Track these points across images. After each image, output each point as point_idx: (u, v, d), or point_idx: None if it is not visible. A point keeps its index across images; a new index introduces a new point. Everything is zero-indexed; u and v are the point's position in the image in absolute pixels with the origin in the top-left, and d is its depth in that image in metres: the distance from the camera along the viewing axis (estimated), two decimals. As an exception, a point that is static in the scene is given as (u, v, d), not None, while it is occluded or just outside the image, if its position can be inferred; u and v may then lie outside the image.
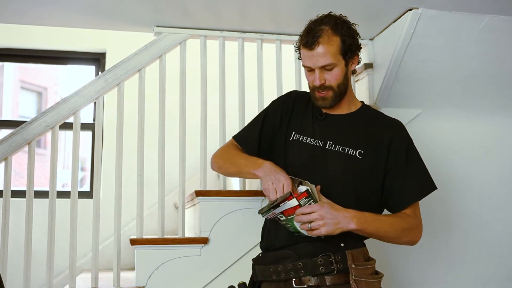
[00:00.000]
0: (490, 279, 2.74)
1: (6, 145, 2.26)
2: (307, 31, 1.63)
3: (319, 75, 1.62)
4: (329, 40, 1.59)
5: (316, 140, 1.67)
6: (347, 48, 1.61)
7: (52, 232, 2.27)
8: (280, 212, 1.51)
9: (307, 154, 1.66)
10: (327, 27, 1.60)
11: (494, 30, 2.38)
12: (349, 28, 1.64)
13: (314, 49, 1.59)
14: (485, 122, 2.82)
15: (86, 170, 4.46)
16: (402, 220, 1.61)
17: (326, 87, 1.63)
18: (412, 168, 1.67)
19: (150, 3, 2.33)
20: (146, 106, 2.48)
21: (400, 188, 1.64)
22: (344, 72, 1.63)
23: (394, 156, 1.64)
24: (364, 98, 2.72)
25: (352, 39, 1.63)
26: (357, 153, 1.62)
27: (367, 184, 1.62)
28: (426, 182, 1.70)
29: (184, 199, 2.44)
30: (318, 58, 1.59)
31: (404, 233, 1.62)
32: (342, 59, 1.62)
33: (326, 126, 1.68)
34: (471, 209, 2.77)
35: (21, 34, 3.55)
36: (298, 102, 1.77)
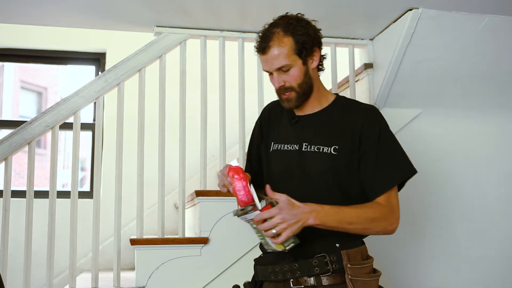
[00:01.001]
0: (490, 277, 2.74)
1: (6, 145, 2.26)
2: (259, 35, 1.65)
3: (277, 78, 1.62)
4: (280, 42, 1.59)
5: (292, 144, 1.68)
6: (301, 46, 1.60)
7: (52, 232, 2.27)
8: (250, 220, 1.49)
9: (285, 161, 1.68)
10: (278, 29, 1.61)
11: (494, 30, 2.38)
12: (302, 27, 1.63)
13: (267, 53, 1.60)
14: (485, 122, 2.82)
15: (86, 170, 4.47)
16: (371, 210, 1.56)
17: (287, 88, 1.63)
18: (385, 153, 1.61)
19: (150, 3, 2.33)
20: (146, 106, 2.48)
21: (373, 174, 1.59)
22: (303, 71, 1.62)
23: (366, 140, 1.60)
24: (364, 98, 2.72)
25: (306, 36, 1.62)
26: (332, 150, 1.61)
27: (348, 177, 1.61)
28: (401, 167, 1.64)
29: (184, 199, 2.44)
30: (272, 61, 1.60)
31: (374, 223, 1.56)
32: (298, 58, 1.61)
33: (300, 129, 1.69)
34: (471, 209, 2.76)
35: (21, 34, 3.55)
36: (273, 112, 1.79)
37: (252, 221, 1.47)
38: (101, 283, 2.34)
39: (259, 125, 1.83)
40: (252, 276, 1.77)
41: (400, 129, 2.68)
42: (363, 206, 1.57)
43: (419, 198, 2.69)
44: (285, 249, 1.46)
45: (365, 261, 1.60)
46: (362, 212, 1.55)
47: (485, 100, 2.76)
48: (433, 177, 2.73)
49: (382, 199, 1.60)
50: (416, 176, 2.65)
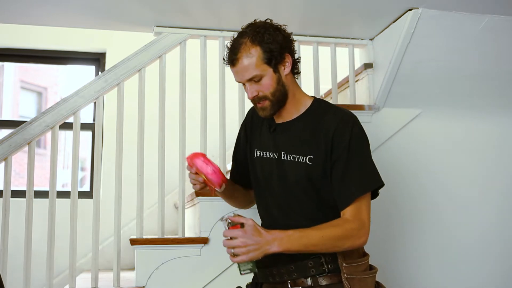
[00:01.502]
0: (489, 276, 2.74)
1: (6, 145, 2.26)
2: (228, 47, 1.63)
3: (250, 88, 1.61)
4: (248, 53, 1.57)
5: (271, 153, 1.68)
6: (270, 55, 1.57)
7: (52, 232, 2.27)
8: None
9: (266, 168, 1.69)
10: (246, 39, 1.59)
11: (494, 30, 2.38)
12: (270, 34, 1.59)
13: (236, 65, 1.59)
14: (486, 121, 2.82)
15: (86, 170, 4.46)
16: (336, 229, 1.53)
17: (261, 97, 1.62)
18: (352, 164, 1.57)
19: (150, 3, 2.33)
20: (146, 106, 2.48)
21: (339, 185, 1.57)
22: (275, 79, 1.60)
23: (336, 150, 1.58)
24: (364, 98, 2.72)
25: (275, 44, 1.59)
26: (307, 160, 1.60)
27: (325, 185, 1.60)
28: (368, 178, 1.60)
29: (184, 199, 2.44)
30: (242, 73, 1.59)
31: (340, 241, 1.52)
32: (268, 67, 1.58)
33: (278, 137, 1.69)
34: (472, 209, 2.76)
35: (21, 34, 3.55)
36: (256, 117, 1.79)
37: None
38: (101, 283, 2.34)
39: (244, 129, 1.84)
40: (253, 278, 1.78)
41: (400, 129, 2.68)
42: (329, 226, 1.53)
43: (418, 197, 2.69)
44: (240, 272, 1.48)
45: (361, 259, 1.61)
46: (327, 233, 1.51)
47: (486, 100, 2.76)
48: (433, 177, 2.73)
49: (350, 211, 1.56)
50: (416, 176, 2.68)
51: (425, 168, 2.72)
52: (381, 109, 2.65)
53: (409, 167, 2.69)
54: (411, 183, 2.69)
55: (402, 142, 2.69)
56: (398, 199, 2.66)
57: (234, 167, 1.89)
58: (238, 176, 1.87)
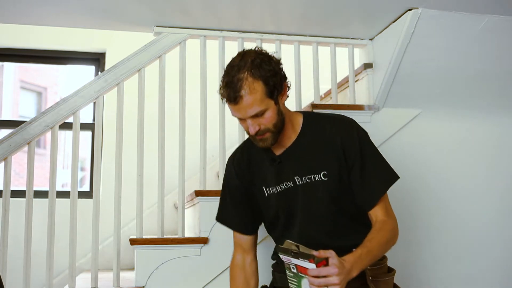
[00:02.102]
0: (490, 274, 2.74)
1: (5, 145, 2.26)
2: (226, 83, 1.53)
3: (252, 124, 1.55)
4: (251, 89, 1.49)
5: (285, 182, 1.65)
6: (272, 88, 1.52)
7: (52, 232, 2.27)
8: (294, 264, 1.45)
9: (285, 201, 1.65)
10: (245, 73, 1.50)
11: (494, 30, 2.38)
12: (268, 64, 1.54)
13: (239, 103, 1.50)
14: (485, 122, 2.82)
15: (86, 170, 4.46)
16: (383, 233, 1.56)
17: (263, 130, 1.57)
18: (369, 164, 1.61)
19: (150, 3, 2.32)
20: (146, 106, 2.48)
21: (363, 187, 1.60)
22: (276, 110, 1.56)
23: (349, 157, 1.60)
24: (363, 98, 2.72)
25: (274, 76, 1.53)
26: (322, 176, 1.61)
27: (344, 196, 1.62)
28: (386, 176, 1.64)
29: (184, 199, 2.44)
30: (245, 110, 1.52)
31: (389, 244, 1.57)
32: (271, 100, 1.53)
33: (286, 166, 1.66)
34: (471, 209, 2.76)
35: (21, 34, 3.55)
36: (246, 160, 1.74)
37: (297, 267, 1.42)
38: (100, 283, 2.34)
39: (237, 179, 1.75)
40: (271, 282, 1.78)
41: (400, 129, 2.68)
42: (377, 232, 1.55)
43: (418, 197, 2.68)
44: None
45: (381, 261, 1.63)
46: (381, 239, 1.54)
47: (486, 100, 2.76)
48: (433, 177, 2.72)
49: (380, 210, 1.60)
50: (416, 176, 2.68)
51: (425, 168, 2.71)
52: (381, 109, 2.65)
53: (409, 167, 2.69)
54: (410, 183, 2.68)
55: (402, 142, 2.69)
56: (397, 199, 2.65)
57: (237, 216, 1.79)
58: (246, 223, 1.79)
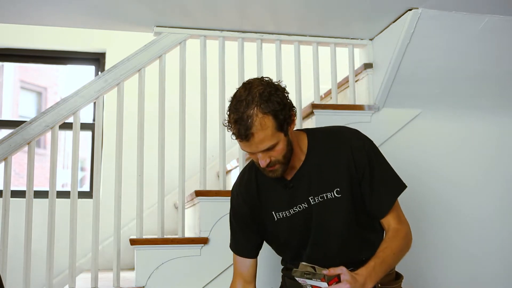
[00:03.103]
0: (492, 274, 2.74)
1: (6, 145, 2.26)
2: (235, 120, 1.47)
3: (262, 157, 1.52)
4: (262, 125, 1.45)
5: (299, 205, 1.63)
6: (282, 121, 1.49)
7: (52, 232, 2.27)
8: (310, 285, 1.47)
9: (300, 223, 1.64)
10: (254, 109, 1.45)
11: (494, 30, 2.38)
12: (276, 95, 1.49)
13: (249, 140, 1.47)
14: (485, 122, 2.82)
15: (86, 170, 4.46)
16: (397, 242, 1.57)
17: (273, 162, 1.55)
18: (379, 173, 1.63)
19: (150, 3, 2.32)
20: (146, 106, 2.48)
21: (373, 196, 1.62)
22: (286, 141, 1.53)
23: (358, 166, 1.61)
24: (363, 98, 2.72)
25: (283, 108, 1.49)
26: (335, 193, 1.61)
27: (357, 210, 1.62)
28: (393, 184, 1.66)
29: (184, 199, 2.44)
30: (256, 146, 1.48)
31: (403, 251, 1.59)
32: (281, 133, 1.51)
33: (298, 189, 1.64)
34: (471, 210, 2.76)
35: (21, 34, 3.55)
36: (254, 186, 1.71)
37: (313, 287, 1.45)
38: (100, 283, 2.34)
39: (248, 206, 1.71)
40: (280, 286, 1.78)
41: (400, 129, 2.68)
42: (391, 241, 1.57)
43: (418, 197, 2.68)
44: None
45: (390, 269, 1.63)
46: (395, 248, 1.56)
47: (486, 100, 2.76)
48: (433, 177, 2.72)
49: (392, 218, 1.62)
50: (416, 176, 2.68)
51: (425, 168, 2.71)
52: (381, 109, 2.65)
53: (409, 167, 2.68)
54: (410, 183, 2.64)
55: (402, 142, 2.68)
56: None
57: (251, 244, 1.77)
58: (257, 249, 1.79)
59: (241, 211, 1.73)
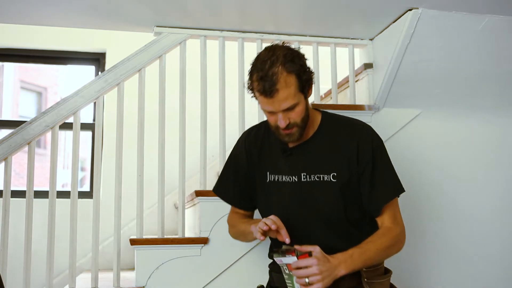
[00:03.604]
0: (490, 280, 2.74)
1: (6, 145, 2.26)
2: (260, 77, 1.53)
3: (282, 117, 1.56)
4: (287, 83, 1.52)
5: (289, 176, 1.66)
6: (304, 82, 1.56)
7: (52, 232, 2.27)
8: (285, 264, 1.50)
9: (287, 194, 1.66)
10: (279, 67, 1.52)
11: (494, 30, 2.38)
12: (299, 59, 1.57)
13: (274, 96, 1.52)
14: (485, 122, 2.82)
15: (86, 170, 4.46)
16: (385, 239, 1.59)
17: (291, 124, 1.58)
18: (379, 171, 1.64)
19: (150, 3, 2.33)
20: (146, 106, 2.48)
21: (371, 192, 1.63)
22: (305, 105, 1.60)
23: (361, 160, 1.63)
24: (363, 98, 2.72)
25: (305, 70, 1.57)
26: (331, 177, 1.62)
27: (350, 200, 1.63)
28: (392, 184, 1.68)
29: (184, 199, 2.44)
30: (279, 103, 1.53)
31: (390, 250, 1.60)
32: (302, 95, 1.57)
33: (295, 159, 1.67)
34: (471, 210, 2.76)
35: (21, 34, 3.55)
36: (259, 140, 1.76)
37: (288, 266, 1.48)
38: (101, 283, 2.34)
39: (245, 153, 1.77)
40: (268, 282, 1.78)
41: (400, 129, 2.68)
42: (379, 237, 1.59)
43: (418, 198, 2.68)
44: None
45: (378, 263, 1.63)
46: (379, 245, 1.57)
47: (486, 100, 2.76)
48: (433, 177, 2.72)
49: (388, 217, 1.63)
50: (416, 176, 2.68)
51: (425, 168, 2.71)
52: (381, 109, 2.65)
53: (408, 167, 2.69)
54: (410, 183, 2.67)
55: (402, 142, 2.68)
56: (398, 199, 2.66)
57: (236, 192, 1.82)
58: (243, 201, 1.83)
59: (240, 158, 1.79)
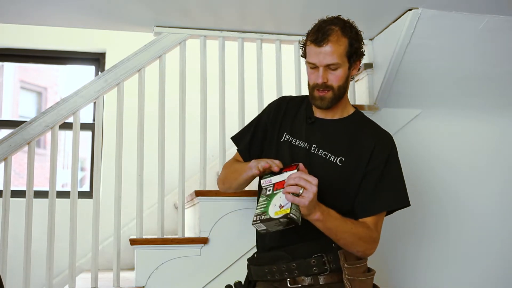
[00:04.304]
0: (489, 276, 2.74)
1: (6, 145, 2.26)
2: (317, 28, 1.65)
3: (322, 73, 1.63)
4: (338, 40, 1.61)
5: (302, 142, 1.70)
6: (354, 51, 1.64)
7: (52, 232, 2.27)
8: (272, 184, 1.52)
9: (295, 155, 1.69)
10: (337, 27, 1.63)
11: (494, 30, 2.38)
12: (357, 33, 1.67)
13: (322, 46, 1.61)
14: (485, 122, 2.82)
15: (86, 170, 4.46)
16: (364, 230, 1.59)
17: (328, 86, 1.64)
18: (388, 179, 1.65)
19: (150, 3, 2.33)
20: (146, 106, 2.48)
21: (370, 195, 1.63)
22: (346, 75, 1.66)
23: (374, 162, 1.64)
24: (364, 98, 2.72)
25: (358, 43, 1.66)
26: (337, 160, 1.64)
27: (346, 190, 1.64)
28: (399, 196, 1.67)
29: (184, 199, 2.44)
30: (325, 56, 1.61)
31: (360, 242, 1.58)
32: (347, 61, 1.64)
33: (314, 130, 1.71)
34: (471, 210, 2.76)
35: (21, 34, 3.55)
36: (291, 104, 1.81)
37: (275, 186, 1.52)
38: (100, 283, 2.34)
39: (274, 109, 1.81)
40: (246, 276, 1.78)
41: (400, 129, 2.69)
42: (359, 224, 1.60)
43: (418, 197, 2.68)
44: (289, 214, 1.42)
45: (360, 261, 1.64)
46: (356, 229, 1.57)
47: (485, 100, 2.76)
48: (433, 177, 2.72)
49: (371, 222, 1.63)
50: (416, 176, 2.68)
51: (424, 168, 2.71)
52: (381, 109, 2.65)
53: (408, 167, 2.68)
54: (410, 183, 2.67)
55: (402, 142, 2.67)
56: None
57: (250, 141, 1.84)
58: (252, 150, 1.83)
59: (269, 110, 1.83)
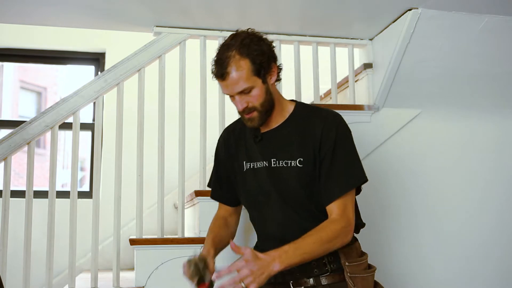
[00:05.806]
0: (490, 277, 2.74)
1: (5, 145, 2.26)
2: (216, 59, 1.61)
3: (239, 100, 1.61)
4: (238, 66, 1.57)
5: (261, 161, 1.69)
6: (259, 66, 1.59)
7: (52, 232, 2.27)
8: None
9: (258, 179, 1.69)
10: (233, 52, 1.58)
11: (494, 30, 2.38)
12: (257, 45, 1.61)
13: (226, 79, 1.58)
14: (485, 122, 2.82)
15: (85, 170, 4.46)
16: (324, 232, 1.54)
17: (251, 108, 1.62)
18: (339, 160, 1.61)
19: (150, 3, 2.33)
20: (146, 106, 2.48)
21: (326, 181, 1.61)
22: (264, 90, 1.62)
23: (324, 147, 1.62)
24: (363, 98, 2.72)
25: (262, 55, 1.60)
26: (297, 163, 1.63)
27: (313, 188, 1.63)
28: (352, 175, 1.63)
29: (184, 199, 2.44)
30: (232, 86, 1.58)
31: (331, 243, 1.54)
32: (258, 78, 1.60)
33: (265, 145, 1.70)
34: (470, 210, 2.76)
35: (21, 34, 3.55)
36: (237, 133, 1.81)
37: None
38: (100, 283, 2.34)
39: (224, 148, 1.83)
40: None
41: (400, 129, 2.69)
42: (317, 231, 1.55)
43: (418, 197, 2.69)
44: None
45: (361, 258, 1.64)
46: (316, 238, 1.53)
47: (485, 100, 2.76)
48: (433, 176, 2.72)
49: (337, 208, 1.59)
50: (416, 176, 2.68)
51: (424, 168, 2.71)
52: (380, 109, 2.65)
53: (408, 167, 2.69)
54: (410, 183, 2.68)
55: (402, 142, 2.69)
56: (396, 199, 2.66)
57: (218, 187, 1.88)
58: (224, 195, 1.88)
59: (220, 152, 1.85)
